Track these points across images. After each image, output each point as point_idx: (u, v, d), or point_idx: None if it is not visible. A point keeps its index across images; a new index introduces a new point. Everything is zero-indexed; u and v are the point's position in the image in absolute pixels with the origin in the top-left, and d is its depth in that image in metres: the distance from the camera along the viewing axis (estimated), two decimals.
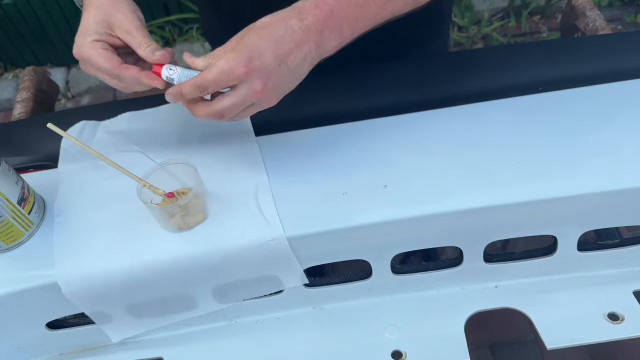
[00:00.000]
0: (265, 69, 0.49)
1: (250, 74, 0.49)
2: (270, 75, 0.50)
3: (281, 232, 0.56)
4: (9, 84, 2.28)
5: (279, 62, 0.50)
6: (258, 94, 0.50)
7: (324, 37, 0.52)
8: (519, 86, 0.68)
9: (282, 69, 0.50)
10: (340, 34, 0.53)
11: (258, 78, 0.50)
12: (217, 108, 0.52)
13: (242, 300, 0.63)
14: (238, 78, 0.49)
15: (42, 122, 0.58)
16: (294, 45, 0.50)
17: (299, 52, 0.50)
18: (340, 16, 0.52)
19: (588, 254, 0.64)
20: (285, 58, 0.50)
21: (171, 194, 0.57)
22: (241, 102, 0.51)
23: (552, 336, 0.60)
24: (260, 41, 0.50)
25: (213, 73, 0.49)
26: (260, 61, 0.49)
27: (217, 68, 0.49)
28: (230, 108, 0.51)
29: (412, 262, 0.66)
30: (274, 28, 0.50)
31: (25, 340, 0.63)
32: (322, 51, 0.52)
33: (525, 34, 2.16)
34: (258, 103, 0.52)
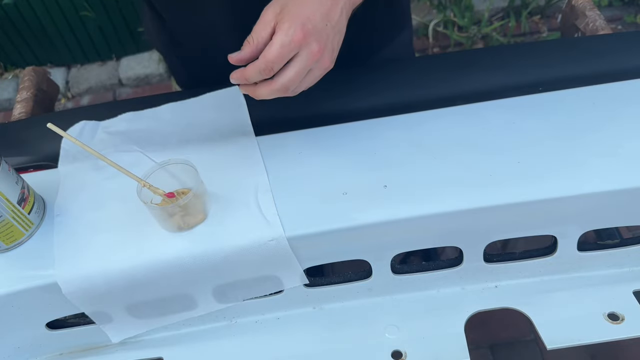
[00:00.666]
0: (317, 30, 0.51)
1: (307, 38, 0.50)
2: (322, 35, 0.51)
3: (281, 232, 0.56)
4: (9, 84, 2.28)
5: (325, 22, 0.51)
6: (316, 56, 0.51)
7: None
8: (519, 86, 0.68)
9: (329, 29, 0.52)
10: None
11: (314, 40, 0.51)
12: (283, 81, 0.52)
13: (242, 300, 0.63)
14: (298, 45, 0.50)
15: (42, 122, 0.58)
16: (331, 3, 0.52)
17: (336, 8, 0.52)
18: None
19: (588, 254, 0.64)
20: (328, 16, 0.52)
21: (171, 194, 0.57)
22: (304, 68, 0.51)
23: (552, 336, 0.60)
24: (304, 6, 0.51)
25: (275, 50, 0.50)
26: (311, 24, 0.50)
27: (278, 43, 0.49)
28: (295, 78, 0.52)
29: (412, 262, 0.66)
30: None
31: (25, 340, 0.63)
32: (353, 1, 0.54)
33: (525, 34, 2.16)
34: (316, 67, 0.53)
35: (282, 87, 0.52)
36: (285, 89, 0.52)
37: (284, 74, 0.52)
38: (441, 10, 2.18)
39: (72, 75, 2.28)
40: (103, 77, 2.25)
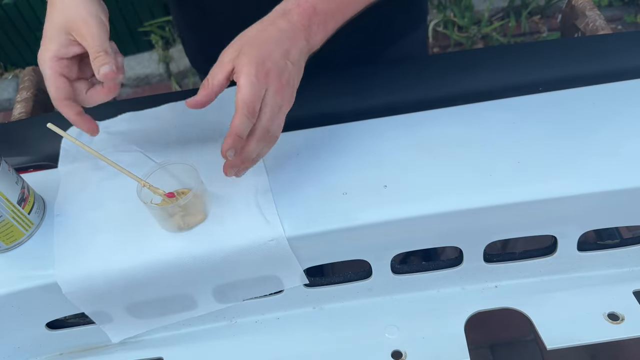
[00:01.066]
0: (278, 66, 0.51)
1: (269, 75, 0.50)
2: (283, 72, 0.51)
3: (281, 232, 0.56)
4: (9, 84, 2.28)
5: (284, 60, 0.52)
6: (280, 92, 0.51)
7: (312, 32, 0.54)
8: (519, 86, 0.68)
9: (289, 65, 0.52)
10: (325, 28, 0.55)
11: (276, 78, 0.51)
12: (263, 124, 0.51)
13: (242, 300, 0.63)
14: (265, 82, 0.50)
15: (42, 122, 0.58)
16: (290, 43, 0.52)
17: (295, 48, 0.53)
18: (323, 10, 0.54)
19: (588, 254, 0.64)
20: (287, 55, 0.52)
21: (171, 194, 0.57)
22: (274, 105, 0.51)
23: (552, 336, 0.60)
24: (262, 45, 0.51)
25: (247, 90, 0.49)
26: (271, 61, 0.51)
27: (247, 83, 0.49)
28: (271, 116, 0.51)
29: (412, 262, 0.66)
30: (267, 31, 0.52)
31: (25, 340, 0.63)
32: (311, 46, 0.54)
33: (525, 34, 2.16)
34: (283, 104, 0.53)
35: (263, 129, 0.52)
36: (267, 131, 0.52)
37: (260, 119, 0.51)
38: (441, 10, 2.19)
39: None
40: None
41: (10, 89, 2.26)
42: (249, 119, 0.50)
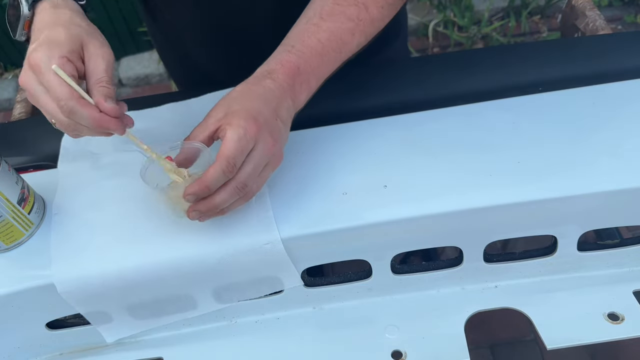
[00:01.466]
0: (269, 123, 0.50)
1: (260, 130, 0.49)
2: (274, 130, 0.50)
3: (277, 235, 0.56)
4: (9, 84, 2.28)
5: (274, 117, 0.51)
6: (271, 149, 0.50)
7: (296, 91, 0.54)
8: (519, 86, 0.68)
9: (279, 123, 0.51)
10: (308, 86, 0.55)
11: (267, 133, 0.50)
12: (241, 177, 0.49)
13: (238, 301, 0.63)
14: (254, 138, 0.48)
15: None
16: (277, 102, 0.52)
17: (283, 107, 0.52)
18: (306, 70, 0.54)
19: (588, 254, 0.64)
20: (276, 113, 0.51)
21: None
22: (260, 163, 0.50)
23: (552, 336, 0.60)
24: (251, 102, 0.50)
25: (232, 144, 0.47)
26: (262, 118, 0.49)
27: (233, 137, 0.47)
28: (253, 172, 0.50)
29: (412, 262, 0.66)
30: (254, 91, 0.52)
31: (25, 340, 0.63)
32: (296, 105, 0.54)
33: (525, 34, 2.16)
34: (270, 163, 0.52)
35: (240, 184, 0.49)
36: (243, 186, 0.50)
37: (241, 171, 0.49)
38: (441, 10, 2.19)
39: None
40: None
41: (10, 89, 2.26)
42: (225, 174, 0.48)
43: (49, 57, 0.47)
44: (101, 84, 0.49)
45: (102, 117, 0.48)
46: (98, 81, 0.49)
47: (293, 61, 0.53)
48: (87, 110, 0.48)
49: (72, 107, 0.47)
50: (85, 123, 0.48)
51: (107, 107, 0.48)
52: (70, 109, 0.47)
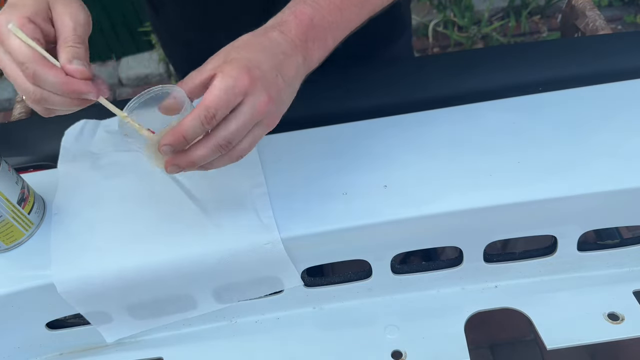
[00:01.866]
0: (266, 78, 0.44)
1: (254, 84, 0.43)
2: (271, 86, 0.45)
3: (277, 235, 0.56)
4: (9, 84, 2.28)
5: (276, 73, 0.45)
6: (264, 108, 0.44)
7: (309, 48, 0.48)
8: (519, 86, 0.68)
9: (280, 81, 0.46)
10: (324, 44, 0.50)
11: (262, 89, 0.44)
12: (224, 134, 0.44)
13: (238, 301, 0.63)
14: (244, 91, 0.43)
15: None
16: (283, 57, 0.46)
17: (290, 64, 0.47)
18: (322, 25, 0.49)
19: (588, 254, 0.64)
20: (280, 69, 0.46)
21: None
22: (249, 120, 0.44)
23: (552, 336, 0.60)
24: (252, 53, 0.45)
25: (215, 93, 0.42)
26: (260, 70, 0.44)
27: (220, 86, 0.42)
28: (237, 131, 0.44)
29: (412, 262, 0.66)
30: (258, 42, 0.46)
31: (25, 340, 0.63)
32: (309, 64, 0.49)
33: (525, 34, 2.16)
34: (263, 122, 0.46)
35: (222, 140, 0.44)
36: (226, 143, 0.44)
37: (224, 125, 0.44)
38: (441, 10, 2.19)
39: None
40: (103, 77, 2.25)
41: (10, 89, 2.26)
42: (202, 125, 0.43)
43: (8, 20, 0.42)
44: (67, 43, 0.43)
45: (69, 79, 0.42)
46: (64, 41, 0.43)
47: (307, 13, 0.48)
48: (52, 73, 0.42)
49: (34, 70, 0.42)
50: (51, 88, 0.43)
51: (72, 68, 0.42)
52: (34, 73, 0.42)
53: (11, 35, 0.42)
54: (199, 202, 0.60)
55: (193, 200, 0.60)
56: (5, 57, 0.43)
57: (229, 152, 0.46)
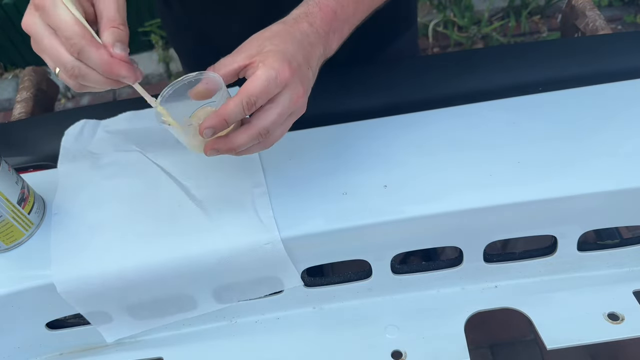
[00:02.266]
0: (301, 71, 0.47)
1: (293, 76, 0.46)
2: (304, 79, 0.48)
3: (277, 235, 0.56)
4: (9, 84, 2.28)
5: (307, 65, 0.48)
6: (300, 100, 0.47)
7: (329, 39, 0.51)
8: (519, 86, 0.68)
9: (310, 73, 0.49)
10: (341, 34, 0.53)
11: (299, 81, 0.47)
12: (264, 124, 0.46)
13: (238, 302, 0.63)
14: (284, 83, 0.46)
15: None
16: (310, 49, 0.49)
17: (314, 55, 0.49)
18: (342, 16, 0.52)
19: (588, 254, 0.64)
20: (308, 60, 0.49)
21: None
22: (286, 111, 0.47)
23: (552, 336, 0.60)
24: (287, 45, 0.47)
25: (260, 83, 0.45)
26: (296, 63, 0.47)
27: (263, 76, 0.45)
28: (277, 120, 0.47)
29: (412, 262, 0.66)
30: (291, 33, 0.49)
31: (25, 340, 0.63)
32: (327, 53, 0.52)
33: (525, 34, 2.16)
34: (295, 112, 0.49)
35: (262, 129, 0.47)
36: (265, 133, 0.47)
37: (264, 115, 0.47)
38: (441, 10, 2.19)
39: None
40: None
41: (10, 89, 2.26)
42: (243, 110, 0.45)
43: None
44: (111, 24, 0.43)
45: (113, 61, 0.43)
46: (109, 21, 0.44)
47: (331, 6, 0.50)
48: (98, 51, 0.42)
49: (82, 46, 0.42)
50: (94, 65, 0.43)
51: (117, 52, 0.43)
52: (81, 49, 0.42)
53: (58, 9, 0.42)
54: (199, 202, 0.60)
55: (193, 200, 0.60)
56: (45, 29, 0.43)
57: (265, 139, 0.48)
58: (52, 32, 0.43)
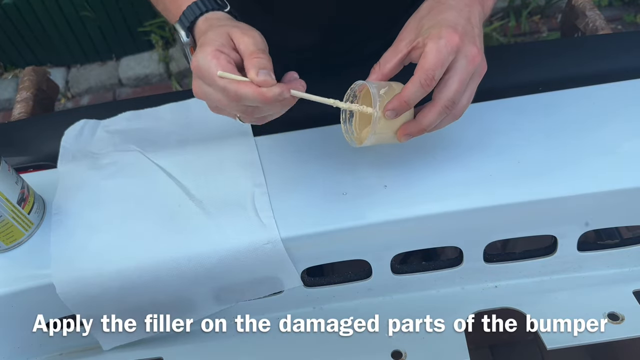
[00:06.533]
0: (468, 32, 0.47)
1: (462, 40, 0.46)
2: (475, 38, 0.48)
3: (277, 235, 0.56)
4: (9, 84, 2.28)
5: (471, 26, 0.48)
6: (477, 59, 0.47)
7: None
8: (519, 86, 0.68)
9: (477, 31, 0.49)
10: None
11: (469, 42, 0.47)
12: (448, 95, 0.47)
13: (237, 302, 0.63)
14: (455, 49, 0.46)
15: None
16: (468, 9, 0.49)
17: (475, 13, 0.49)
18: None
19: (588, 254, 0.64)
20: (471, 21, 0.49)
21: None
22: (466, 74, 0.47)
23: (552, 336, 0.60)
24: (444, 14, 0.48)
25: (431, 56, 0.46)
26: (461, 26, 0.47)
27: (433, 49, 0.46)
28: (459, 87, 0.47)
29: (412, 262, 0.66)
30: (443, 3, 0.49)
31: (25, 340, 0.63)
32: (486, 11, 0.52)
33: (525, 34, 2.16)
34: (477, 73, 0.49)
35: (448, 101, 0.47)
36: (452, 104, 0.48)
37: (445, 86, 0.47)
38: None
39: (72, 75, 2.28)
40: (103, 77, 2.25)
41: (10, 89, 2.25)
42: (423, 88, 0.46)
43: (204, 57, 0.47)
44: (251, 56, 0.47)
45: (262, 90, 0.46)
46: (249, 55, 0.47)
47: None
48: (248, 89, 0.46)
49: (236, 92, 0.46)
50: (252, 102, 0.47)
51: (261, 80, 0.45)
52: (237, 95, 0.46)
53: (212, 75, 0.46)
54: (199, 202, 0.60)
55: (193, 200, 0.60)
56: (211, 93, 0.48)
57: (452, 111, 0.49)
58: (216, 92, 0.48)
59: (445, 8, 0.49)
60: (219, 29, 0.50)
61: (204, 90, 0.49)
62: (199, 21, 0.52)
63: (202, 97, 0.50)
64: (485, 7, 0.52)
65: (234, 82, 0.46)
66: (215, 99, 0.48)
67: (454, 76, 0.47)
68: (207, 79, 0.47)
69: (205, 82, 0.48)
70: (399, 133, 0.51)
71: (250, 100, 0.46)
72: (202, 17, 0.52)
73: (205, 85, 0.48)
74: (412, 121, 0.50)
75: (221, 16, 0.53)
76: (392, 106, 0.48)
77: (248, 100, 0.46)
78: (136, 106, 0.72)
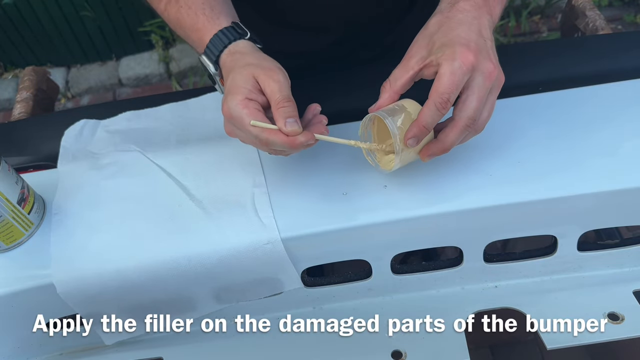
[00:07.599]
0: (481, 48, 0.48)
1: (476, 57, 0.46)
2: (488, 52, 0.48)
3: (277, 235, 0.56)
4: (9, 84, 2.28)
5: (483, 39, 0.49)
6: (493, 74, 0.48)
7: (490, 5, 0.51)
8: (519, 86, 0.68)
9: (489, 44, 0.49)
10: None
11: (484, 58, 0.47)
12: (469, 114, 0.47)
13: (237, 302, 0.63)
14: (470, 68, 0.46)
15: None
16: (478, 22, 0.49)
17: (485, 26, 0.50)
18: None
19: (588, 254, 0.64)
20: (482, 34, 0.49)
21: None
22: (484, 91, 0.48)
23: (552, 336, 0.60)
24: (455, 31, 0.48)
25: (445, 79, 0.46)
26: (474, 43, 0.47)
27: (447, 71, 0.46)
28: (478, 105, 0.47)
29: (412, 262, 0.66)
30: (453, 18, 0.49)
31: (25, 340, 0.63)
32: (494, 19, 0.52)
33: (525, 34, 2.16)
34: (495, 84, 0.49)
35: (469, 120, 0.48)
36: (473, 122, 0.48)
37: (464, 106, 0.48)
38: None
39: (72, 75, 2.28)
40: (103, 77, 2.25)
41: (10, 89, 2.25)
42: (439, 110, 0.47)
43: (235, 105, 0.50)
44: (278, 106, 0.50)
45: (291, 139, 0.50)
46: (275, 104, 0.50)
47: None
48: (277, 137, 0.50)
49: (267, 140, 0.50)
50: (282, 148, 0.51)
51: (286, 130, 0.49)
52: (267, 143, 0.50)
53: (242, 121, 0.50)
54: (199, 202, 0.60)
55: (193, 200, 0.60)
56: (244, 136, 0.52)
57: (473, 127, 0.49)
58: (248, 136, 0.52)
59: (455, 24, 0.49)
60: (244, 70, 0.52)
61: (237, 133, 0.53)
62: (223, 55, 0.54)
63: (234, 136, 0.54)
64: (493, 15, 0.52)
65: (265, 131, 0.49)
66: (247, 141, 0.53)
67: (472, 95, 0.47)
68: (239, 125, 0.51)
69: (237, 126, 0.52)
70: (421, 154, 0.52)
71: (279, 146, 0.50)
72: (225, 50, 0.54)
73: (238, 130, 0.52)
74: (434, 141, 0.51)
75: (243, 48, 0.54)
76: (413, 134, 0.48)
77: (277, 145, 0.50)
78: (136, 106, 0.72)
